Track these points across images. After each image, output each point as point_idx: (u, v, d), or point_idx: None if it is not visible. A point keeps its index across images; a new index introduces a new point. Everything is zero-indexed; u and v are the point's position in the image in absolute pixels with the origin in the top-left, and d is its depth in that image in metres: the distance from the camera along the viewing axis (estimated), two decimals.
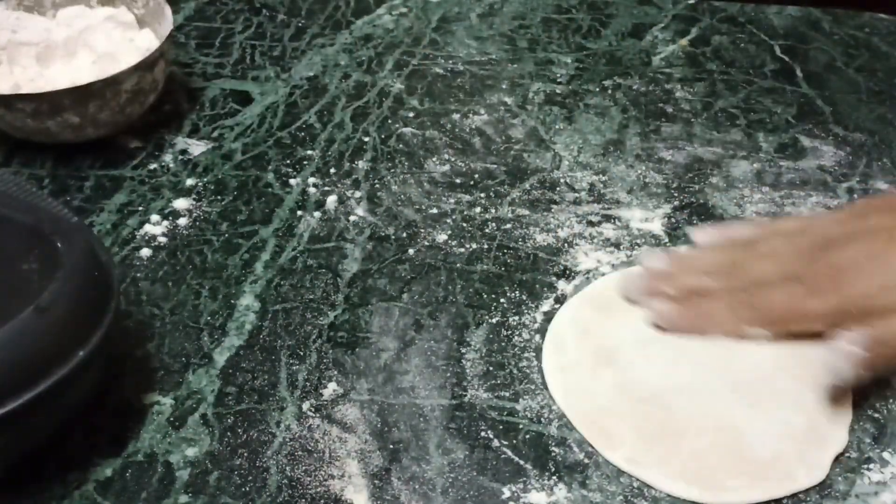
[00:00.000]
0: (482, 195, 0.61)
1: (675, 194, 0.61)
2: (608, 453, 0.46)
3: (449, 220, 0.59)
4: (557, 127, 0.67)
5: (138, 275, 0.55)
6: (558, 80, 0.72)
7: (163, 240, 0.58)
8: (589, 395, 0.48)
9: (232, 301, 0.54)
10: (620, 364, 0.49)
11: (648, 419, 0.47)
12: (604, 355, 0.50)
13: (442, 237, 0.58)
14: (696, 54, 0.75)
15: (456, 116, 0.68)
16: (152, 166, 0.64)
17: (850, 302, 0.47)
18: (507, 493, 0.44)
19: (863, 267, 0.48)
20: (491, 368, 0.50)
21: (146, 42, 0.68)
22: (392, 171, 0.63)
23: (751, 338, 0.49)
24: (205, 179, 0.63)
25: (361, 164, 0.64)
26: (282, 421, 0.47)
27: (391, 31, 0.79)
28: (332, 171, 0.63)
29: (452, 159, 0.64)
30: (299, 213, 0.60)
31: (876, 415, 0.47)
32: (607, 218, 0.59)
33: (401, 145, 0.66)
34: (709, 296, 0.51)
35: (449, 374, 0.49)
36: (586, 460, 0.45)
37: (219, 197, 0.61)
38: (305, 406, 0.48)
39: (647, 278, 0.52)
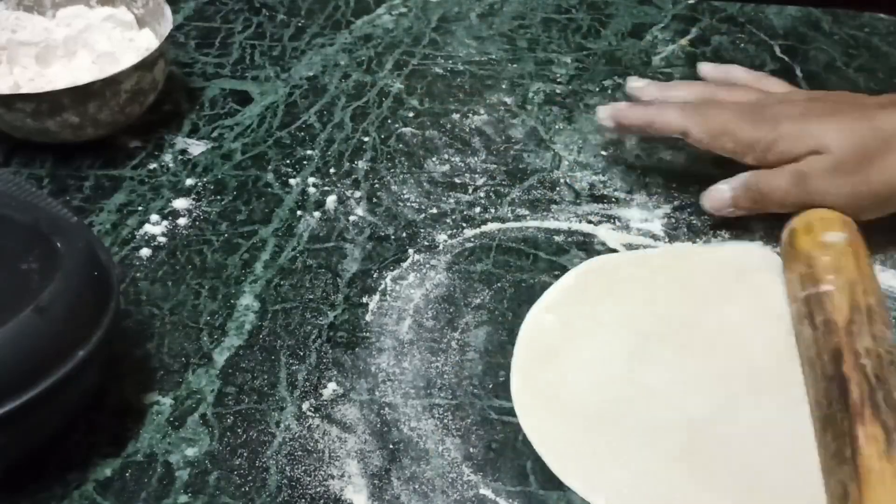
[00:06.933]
0: (482, 195, 0.61)
1: (675, 194, 0.61)
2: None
3: (449, 220, 0.59)
4: (557, 127, 0.67)
5: (138, 275, 0.55)
6: (558, 80, 0.72)
7: (162, 240, 0.58)
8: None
9: (232, 301, 0.54)
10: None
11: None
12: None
13: (442, 237, 0.58)
14: (696, 54, 0.75)
15: (456, 116, 0.68)
16: (152, 166, 0.64)
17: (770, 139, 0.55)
18: None
19: (794, 118, 0.55)
20: (491, 368, 0.50)
21: (146, 42, 0.68)
22: (392, 171, 0.63)
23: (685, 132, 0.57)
24: (204, 179, 0.63)
25: (361, 164, 0.64)
26: (281, 421, 0.47)
27: (391, 31, 0.79)
28: (332, 171, 0.63)
29: (452, 159, 0.64)
30: (299, 213, 0.60)
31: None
32: (607, 218, 0.59)
33: (400, 145, 0.66)
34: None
35: (449, 374, 0.49)
36: None
37: (218, 197, 0.61)
38: (305, 406, 0.48)
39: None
